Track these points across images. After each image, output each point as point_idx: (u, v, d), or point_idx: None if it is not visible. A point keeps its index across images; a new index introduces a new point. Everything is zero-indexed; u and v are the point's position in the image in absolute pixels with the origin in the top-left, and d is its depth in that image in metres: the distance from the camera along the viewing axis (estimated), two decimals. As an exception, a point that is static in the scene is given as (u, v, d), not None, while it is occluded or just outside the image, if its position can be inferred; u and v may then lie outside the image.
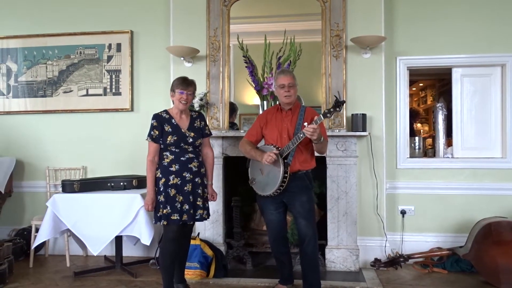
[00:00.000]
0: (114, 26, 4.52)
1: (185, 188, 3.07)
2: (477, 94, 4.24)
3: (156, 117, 3.13)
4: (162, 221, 3.06)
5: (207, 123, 3.40)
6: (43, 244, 4.33)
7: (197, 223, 3.77)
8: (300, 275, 3.23)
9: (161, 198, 3.06)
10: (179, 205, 3.05)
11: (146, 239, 3.52)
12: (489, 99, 4.23)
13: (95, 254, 3.61)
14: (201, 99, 4.01)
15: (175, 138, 3.08)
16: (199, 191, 3.14)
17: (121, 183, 3.87)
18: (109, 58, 4.54)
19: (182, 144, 3.09)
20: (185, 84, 3.12)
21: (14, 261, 3.90)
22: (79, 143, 4.55)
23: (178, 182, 3.06)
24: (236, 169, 3.91)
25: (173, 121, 3.13)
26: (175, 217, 3.03)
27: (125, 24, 4.51)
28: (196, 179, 3.12)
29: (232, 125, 4.22)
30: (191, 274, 3.60)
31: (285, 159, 3.02)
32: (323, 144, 3.05)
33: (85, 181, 3.87)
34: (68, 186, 3.76)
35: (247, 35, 4.14)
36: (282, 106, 3.22)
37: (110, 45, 4.54)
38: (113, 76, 4.54)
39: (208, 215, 3.24)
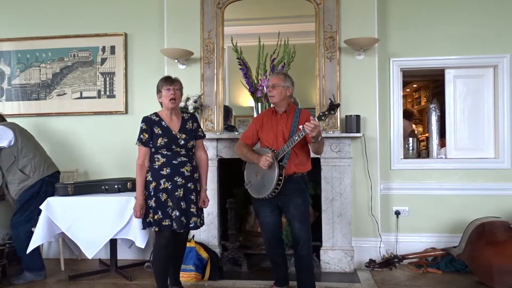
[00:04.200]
0: (108, 29, 4.52)
1: (176, 193, 2.98)
2: (470, 95, 4.27)
3: (146, 120, 3.06)
4: (154, 227, 2.97)
5: (201, 125, 3.37)
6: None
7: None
8: (295, 276, 3.23)
9: (152, 203, 2.98)
10: (170, 210, 2.96)
11: (141, 242, 3.50)
12: (482, 100, 4.26)
13: (89, 258, 3.58)
14: (195, 101, 4.01)
15: (166, 140, 2.99)
16: (192, 197, 3.04)
17: (116, 186, 3.85)
18: (103, 60, 4.54)
19: (173, 147, 3.01)
20: (169, 80, 3.06)
21: (8, 265, 3.88)
22: (73, 146, 4.54)
23: (169, 187, 2.97)
24: (231, 171, 3.91)
25: (163, 123, 3.06)
26: (167, 222, 2.94)
27: (119, 27, 4.51)
28: (189, 185, 3.03)
29: (232, 128, 4.21)
30: (186, 276, 3.59)
31: (280, 162, 3.01)
32: (321, 143, 3.02)
33: (79, 184, 3.85)
34: (62, 189, 3.74)
35: (241, 37, 4.15)
36: (275, 108, 3.22)
37: (104, 47, 4.53)
38: (107, 79, 4.53)
39: (202, 223, 3.15)
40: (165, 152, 3.02)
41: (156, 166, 3.01)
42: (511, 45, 4.14)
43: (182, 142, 3.04)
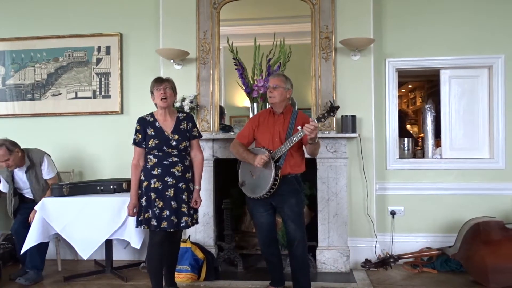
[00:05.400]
0: (103, 29, 4.50)
1: (167, 193, 2.99)
2: (465, 95, 4.29)
3: (140, 120, 3.10)
4: (144, 225, 3.02)
5: (197, 126, 3.36)
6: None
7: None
8: (291, 276, 3.23)
9: (143, 202, 3.02)
10: (157, 211, 2.97)
11: (136, 243, 3.49)
12: (477, 100, 4.28)
13: (84, 259, 3.58)
14: (191, 102, 4.00)
15: (157, 141, 3.02)
16: (184, 196, 3.04)
17: (111, 187, 3.84)
18: (98, 60, 4.52)
19: (164, 148, 3.03)
20: (159, 81, 3.08)
21: (3, 266, 3.85)
22: (69, 146, 4.52)
23: (160, 187, 2.99)
24: (226, 171, 3.91)
25: (156, 124, 3.08)
26: (154, 222, 2.97)
27: (114, 27, 4.50)
28: (180, 184, 3.04)
29: (228, 128, 4.20)
30: (182, 277, 3.58)
31: (277, 162, 3.02)
32: (317, 145, 3.05)
33: (75, 184, 3.84)
34: (57, 190, 3.72)
35: (237, 37, 4.15)
36: (273, 109, 3.22)
37: (99, 47, 4.52)
38: (103, 79, 4.51)
39: (194, 221, 3.16)
40: (157, 153, 3.05)
41: (149, 166, 3.05)
42: (506, 46, 4.17)
43: (174, 143, 3.05)
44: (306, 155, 3.25)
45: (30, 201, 3.91)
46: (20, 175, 3.91)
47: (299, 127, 2.91)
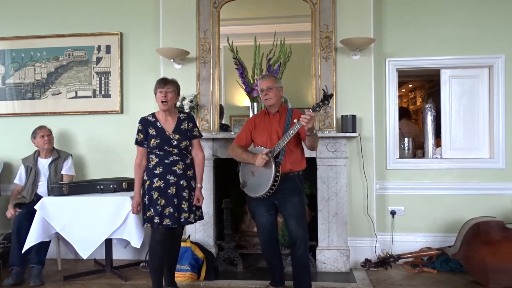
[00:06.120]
0: (104, 28, 4.50)
1: (169, 191, 3.05)
2: (465, 95, 4.29)
3: (142, 120, 3.15)
4: (146, 223, 3.08)
5: (197, 125, 3.38)
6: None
7: (187, 226, 3.75)
8: (291, 276, 3.23)
9: (146, 200, 3.08)
10: (160, 209, 3.03)
11: (136, 242, 3.49)
12: (477, 100, 4.27)
13: (84, 258, 3.58)
14: (191, 101, 4.00)
15: (158, 141, 3.07)
16: (184, 194, 3.10)
17: (111, 186, 3.84)
18: (98, 60, 4.52)
19: (166, 147, 3.08)
20: (162, 82, 3.12)
21: (2, 265, 3.85)
22: (68, 145, 4.52)
23: (162, 185, 3.05)
24: (226, 171, 3.90)
25: (158, 124, 3.12)
26: (156, 220, 3.03)
27: (114, 26, 4.49)
28: (181, 182, 3.09)
29: (226, 128, 4.21)
30: (181, 276, 3.58)
31: (276, 158, 3.03)
32: (315, 137, 3.04)
33: (74, 184, 3.83)
34: (57, 189, 3.72)
35: (237, 37, 4.15)
36: (268, 109, 3.23)
37: (99, 47, 4.51)
38: (103, 78, 4.51)
39: (196, 218, 3.20)
40: (158, 152, 3.10)
41: (151, 166, 3.10)
42: (506, 46, 4.16)
43: (175, 142, 3.10)
44: (306, 154, 3.25)
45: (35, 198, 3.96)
46: (44, 164, 4.12)
47: (295, 120, 2.91)
